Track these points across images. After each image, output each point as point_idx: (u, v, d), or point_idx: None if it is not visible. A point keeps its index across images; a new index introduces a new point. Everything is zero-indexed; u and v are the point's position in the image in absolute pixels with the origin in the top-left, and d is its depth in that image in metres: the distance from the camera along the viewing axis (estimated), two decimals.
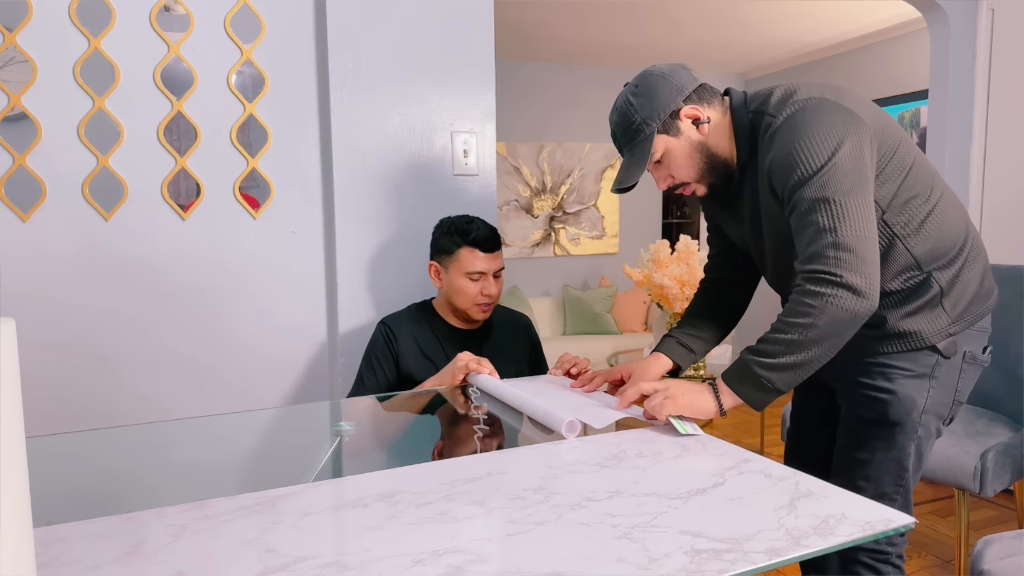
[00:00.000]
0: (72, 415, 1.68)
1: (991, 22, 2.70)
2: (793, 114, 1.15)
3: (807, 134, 1.11)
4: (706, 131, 1.24)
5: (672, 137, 1.24)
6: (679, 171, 1.26)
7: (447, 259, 1.66)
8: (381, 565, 0.70)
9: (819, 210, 1.08)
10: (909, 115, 4.23)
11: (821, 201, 1.09)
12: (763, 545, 0.73)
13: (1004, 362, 2.10)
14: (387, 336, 1.67)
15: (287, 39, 1.82)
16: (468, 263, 1.62)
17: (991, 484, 1.87)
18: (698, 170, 1.26)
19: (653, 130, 1.22)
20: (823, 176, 1.09)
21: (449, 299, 1.67)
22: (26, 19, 1.59)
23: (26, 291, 1.63)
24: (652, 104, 1.22)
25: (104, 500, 0.98)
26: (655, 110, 1.22)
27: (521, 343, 1.78)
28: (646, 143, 1.22)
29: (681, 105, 1.23)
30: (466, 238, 1.62)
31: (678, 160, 1.25)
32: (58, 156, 1.64)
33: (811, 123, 1.12)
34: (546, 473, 0.96)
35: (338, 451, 1.17)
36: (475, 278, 1.62)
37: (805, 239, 1.11)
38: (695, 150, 1.24)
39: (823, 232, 1.08)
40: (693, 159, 1.25)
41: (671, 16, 4.13)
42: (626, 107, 1.25)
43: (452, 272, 1.64)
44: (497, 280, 1.66)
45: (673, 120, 1.23)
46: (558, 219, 5.34)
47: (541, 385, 1.46)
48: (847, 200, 1.08)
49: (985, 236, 2.75)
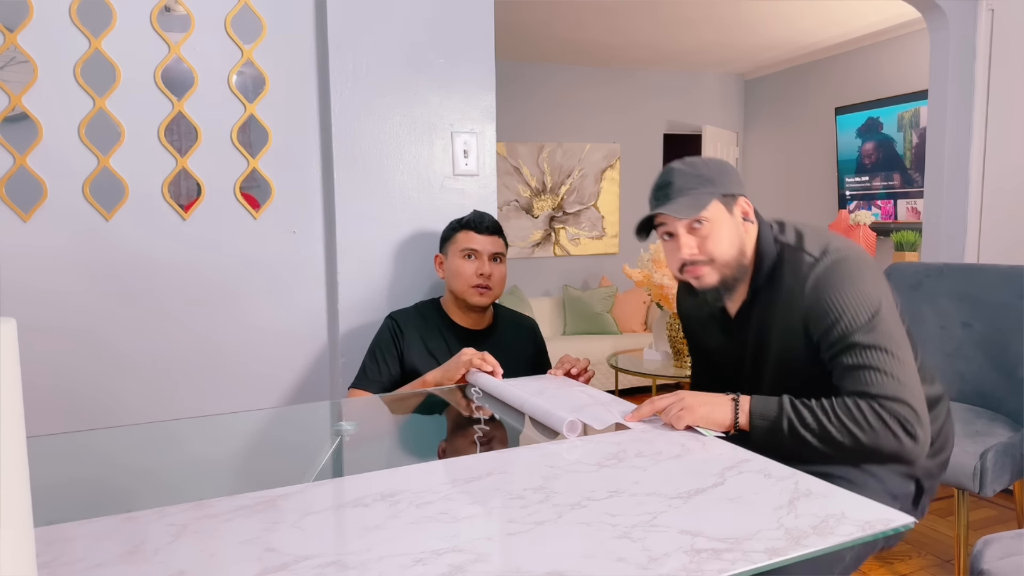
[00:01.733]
0: (73, 415, 1.68)
1: (991, 22, 2.70)
2: (838, 261, 1.20)
3: (855, 285, 1.17)
4: (748, 229, 1.29)
5: (727, 211, 1.26)
6: (714, 243, 1.25)
7: (447, 245, 1.73)
8: (381, 565, 0.70)
9: (877, 359, 1.13)
10: (909, 115, 4.24)
11: (878, 348, 1.13)
12: (763, 545, 0.73)
13: (1004, 362, 2.10)
14: (394, 330, 1.69)
15: (288, 39, 1.82)
16: (463, 241, 1.68)
17: (991, 484, 1.87)
18: (728, 255, 1.26)
19: (718, 192, 1.25)
20: (875, 326, 1.14)
21: (450, 287, 1.70)
22: (27, 19, 1.59)
23: (27, 291, 1.63)
24: (724, 175, 1.27)
25: (105, 499, 0.98)
26: (726, 180, 1.26)
27: (526, 345, 1.78)
28: (706, 197, 1.24)
29: (743, 194, 1.28)
30: (462, 222, 1.72)
31: (719, 233, 1.25)
32: (59, 156, 1.64)
33: (855, 275, 1.18)
34: (546, 473, 0.96)
35: (338, 451, 1.17)
36: (469, 255, 1.66)
37: (864, 378, 1.13)
38: (736, 236, 1.27)
39: (886, 377, 1.11)
40: (731, 242, 1.26)
41: (671, 16, 4.13)
42: (699, 162, 1.28)
43: (450, 256, 1.70)
44: (496, 266, 1.68)
45: (733, 199, 1.27)
46: (558, 219, 5.35)
47: (541, 384, 1.46)
48: (900, 353, 1.14)
49: (985, 236, 2.76)
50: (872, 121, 4.48)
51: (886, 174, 4.45)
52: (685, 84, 5.63)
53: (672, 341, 3.19)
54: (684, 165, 1.28)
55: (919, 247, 3.83)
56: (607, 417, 1.20)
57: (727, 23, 4.30)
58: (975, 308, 2.19)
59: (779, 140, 5.46)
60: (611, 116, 5.45)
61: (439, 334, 1.69)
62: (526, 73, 5.13)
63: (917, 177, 4.20)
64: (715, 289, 1.28)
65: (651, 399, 1.23)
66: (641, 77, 5.50)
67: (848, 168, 4.70)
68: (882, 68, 4.52)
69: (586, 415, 1.20)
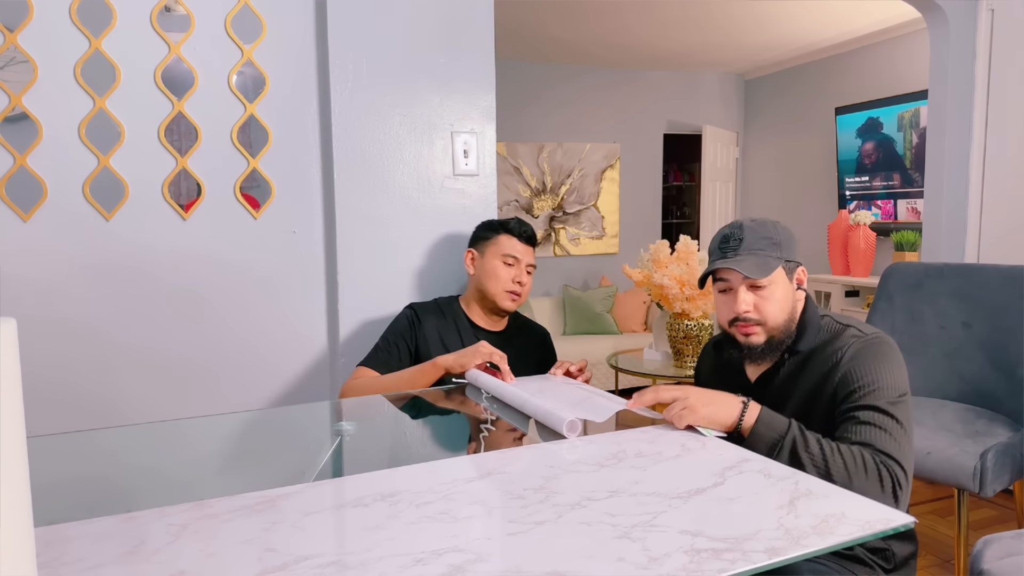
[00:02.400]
0: (73, 415, 1.68)
1: (991, 22, 2.70)
2: (884, 342, 1.25)
3: (893, 366, 1.22)
4: (798, 296, 1.32)
5: (787, 277, 1.29)
6: (770, 305, 1.28)
7: (484, 244, 1.74)
8: (382, 564, 0.70)
9: (891, 426, 1.17)
10: (909, 115, 4.23)
11: (895, 419, 1.17)
12: (763, 544, 0.73)
13: (1004, 362, 2.10)
14: (412, 319, 1.70)
15: (288, 39, 1.82)
16: (506, 246, 1.71)
17: (991, 484, 1.87)
18: (779, 319, 1.28)
19: (783, 258, 1.28)
20: (899, 403, 1.19)
21: (480, 285, 1.71)
22: (27, 19, 1.59)
23: (27, 291, 1.63)
24: (790, 241, 1.31)
25: (105, 499, 0.98)
26: (790, 247, 1.31)
27: (538, 353, 1.79)
28: (774, 261, 1.27)
29: (801, 263, 1.33)
30: (507, 227, 1.74)
31: (777, 297, 1.28)
32: (59, 156, 1.64)
33: (896, 358, 1.24)
34: (546, 473, 0.96)
35: (338, 451, 1.17)
36: (510, 262, 1.69)
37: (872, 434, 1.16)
38: (789, 303, 1.30)
39: (893, 441, 1.15)
40: (783, 308, 1.29)
41: (671, 16, 4.13)
42: (768, 224, 1.31)
43: (488, 255, 1.71)
44: (528, 275, 1.72)
45: (793, 267, 1.30)
46: (558, 219, 5.35)
47: (541, 384, 1.46)
48: (910, 434, 1.19)
49: (985, 236, 2.76)
50: (872, 121, 4.48)
51: (886, 174, 4.45)
52: (685, 84, 5.63)
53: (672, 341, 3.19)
54: (754, 224, 1.31)
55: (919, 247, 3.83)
56: (609, 406, 1.20)
57: (727, 23, 4.30)
58: (975, 308, 2.19)
59: (779, 140, 5.46)
60: (611, 116, 5.45)
61: (456, 330, 1.71)
62: (526, 73, 5.13)
63: (917, 177, 4.20)
64: (756, 348, 1.30)
65: (655, 387, 1.23)
66: (641, 77, 5.50)
67: (848, 168, 4.70)
68: (882, 68, 4.52)
69: (586, 408, 1.20)
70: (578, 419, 1.14)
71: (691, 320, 2.84)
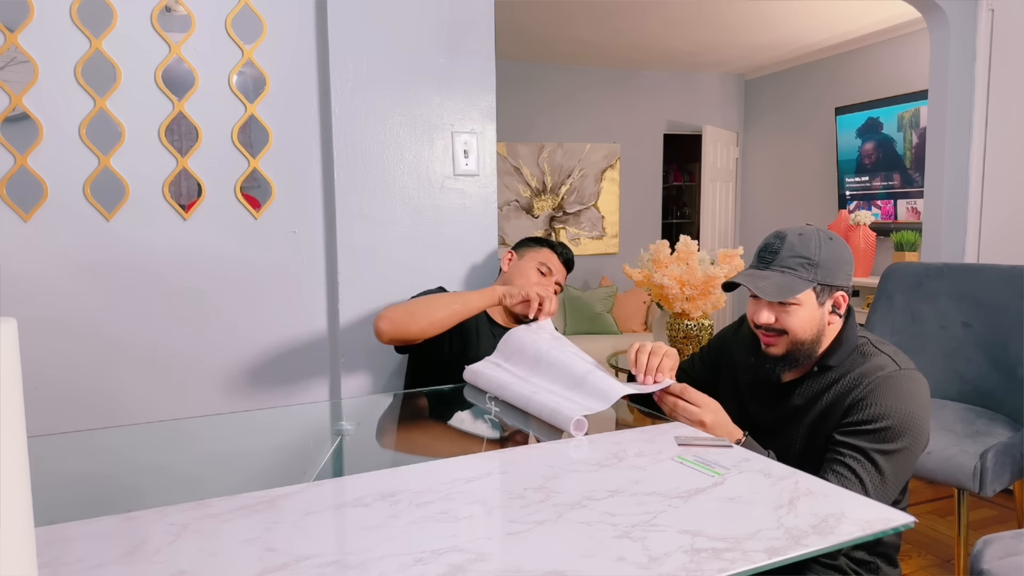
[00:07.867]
0: (73, 414, 1.68)
1: (991, 22, 2.70)
2: (915, 380, 1.21)
3: (911, 406, 1.18)
4: (832, 321, 1.27)
5: (817, 301, 1.24)
6: (794, 320, 1.24)
7: (526, 249, 1.83)
8: (382, 564, 0.70)
9: (869, 475, 1.15)
10: (909, 115, 4.23)
11: (877, 469, 1.15)
12: (763, 544, 0.73)
13: (1004, 362, 2.10)
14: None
15: (288, 39, 1.82)
16: (546, 258, 1.81)
17: (991, 484, 1.87)
18: (802, 336, 1.25)
19: (816, 281, 1.23)
20: (893, 452, 1.16)
21: (508, 281, 1.78)
22: (27, 19, 1.59)
23: (27, 291, 1.63)
24: (834, 264, 1.24)
25: (105, 499, 0.98)
26: (832, 271, 1.24)
27: None
28: (801, 284, 1.22)
29: (844, 289, 1.27)
30: (551, 244, 1.85)
31: (802, 317, 1.24)
32: (59, 156, 1.64)
33: (920, 400, 1.20)
34: (546, 472, 0.96)
35: (338, 451, 1.17)
36: (543, 271, 1.78)
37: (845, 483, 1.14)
38: (815, 325, 1.25)
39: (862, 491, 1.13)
40: (807, 328, 1.25)
41: (671, 16, 4.13)
42: (814, 242, 1.24)
43: (526, 259, 1.80)
44: (554, 292, 1.79)
45: (829, 292, 1.25)
46: (558, 219, 5.35)
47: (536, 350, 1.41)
48: (890, 489, 1.17)
49: (985, 236, 2.76)
50: (872, 121, 4.48)
51: (886, 174, 4.45)
52: (685, 84, 5.63)
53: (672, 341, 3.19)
54: (799, 237, 1.25)
55: (919, 247, 3.83)
56: (613, 388, 1.19)
57: (727, 23, 4.30)
58: (975, 308, 2.19)
59: (779, 140, 5.46)
60: (611, 116, 5.45)
61: (474, 322, 1.71)
62: (526, 73, 5.13)
63: (917, 177, 4.20)
64: (774, 358, 1.28)
65: (685, 386, 1.23)
66: (641, 77, 5.50)
67: (848, 168, 4.70)
68: (882, 68, 4.52)
69: (588, 391, 1.20)
70: (583, 417, 1.14)
71: (691, 320, 2.84)
